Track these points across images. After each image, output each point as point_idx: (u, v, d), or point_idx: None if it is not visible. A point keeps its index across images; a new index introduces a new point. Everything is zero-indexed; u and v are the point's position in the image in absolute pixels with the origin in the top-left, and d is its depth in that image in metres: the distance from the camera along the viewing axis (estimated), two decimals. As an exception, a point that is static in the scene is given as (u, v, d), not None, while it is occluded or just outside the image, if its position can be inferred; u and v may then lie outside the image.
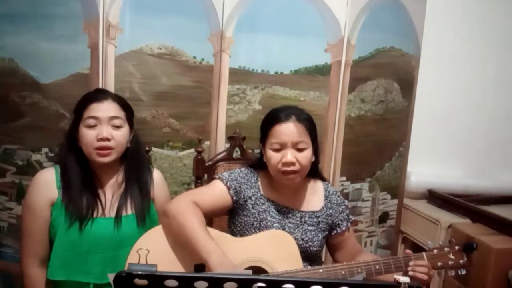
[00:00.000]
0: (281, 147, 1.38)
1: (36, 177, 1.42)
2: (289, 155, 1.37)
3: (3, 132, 1.81)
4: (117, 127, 1.40)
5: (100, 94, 1.43)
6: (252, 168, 1.52)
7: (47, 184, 1.40)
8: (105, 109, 1.39)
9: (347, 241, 1.54)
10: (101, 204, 1.42)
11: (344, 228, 1.52)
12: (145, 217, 1.45)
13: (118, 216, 1.42)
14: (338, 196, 1.55)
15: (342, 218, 1.52)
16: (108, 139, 1.37)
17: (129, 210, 1.44)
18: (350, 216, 1.56)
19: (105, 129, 1.37)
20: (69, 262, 1.37)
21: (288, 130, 1.38)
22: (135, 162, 1.48)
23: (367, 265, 1.34)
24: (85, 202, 1.39)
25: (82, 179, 1.41)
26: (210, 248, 1.23)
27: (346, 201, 1.58)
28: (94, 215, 1.40)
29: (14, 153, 1.82)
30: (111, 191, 1.45)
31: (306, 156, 1.39)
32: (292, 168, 1.37)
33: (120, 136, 1.40)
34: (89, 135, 1.36)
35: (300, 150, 1.38)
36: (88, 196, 1.40)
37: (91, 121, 1.37)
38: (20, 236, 1.44)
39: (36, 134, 1.80)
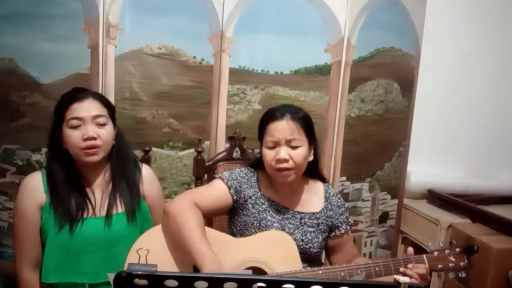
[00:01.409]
0: (275, 145, 1.39)
1: (23, 182, 1.41)
2: (282, 152, 1.37)
3: (3, 132, 1.81)
4: (102, 125, 1.38)
5: (80, 93, 1.40)
6: (252, 168, 1.52)
7: (34, 188, 1.39)
8: (87, 108, 1.36)
9: (345, 245, 1.53)
10: (91, 204, 1.41)
11: (343, 231, 1.52)
12: (135, 213, 1.44)
13: (108, 215, 1.40)
14: (339, 198, 1.55)
15: (341, 220, 1.52)
16: (94, 138, 1.35)
17: (119, 208, 1.43)
18: (350, 220, 1.56)
19: (90, 128, 1.35)
20: (62, 264, 1.36)
21: (282, 127, 1.38)
22: (120, 159, 1.46)
23: (366, 267, 1.34)
24: (74, 203, 1.38)
25: (68, 180, 1.39)
26: (204, 253, 1.22)
27: (346, 204, 1.58)
28: (84, 215, 1.39)
29: (14, 153, 1.82)
30: (100, 190, 1.44)
31: (300, 154, 1.39)
32: (285, 165, 1.38)
33: (105, 134, 1.38)
34: (74, 136, 1.35)
35: (294, 147, 1.38)
36: (77, 197, 1.39)
37: (75, 122, 1.35)
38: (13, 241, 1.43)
39: (36, 134, 1.79)
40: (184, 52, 1.87)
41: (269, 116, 1.42)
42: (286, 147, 1.38)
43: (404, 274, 1.30)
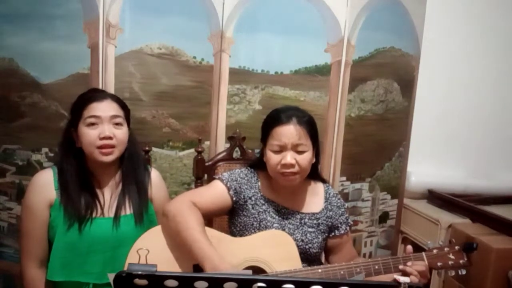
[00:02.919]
0: (281, 149, 1.38)
1: (34, 179, 1.42)
2: (289, 157, 1.36)
3: (3, 132, 1.81)
4: (118, 125, 1.40)
5: (99, 94, 1.43)
6: (252, 168, 1.51)
7: (45, 185, 1.39)
8: (106, 108, 1.38)
9: (344, 245, 1.53)
10: (100, 204, 1.42)
11: (342, 232, 1.52)
12: (143, 216, 1.45)
13: (117, 216, 1.42)
14: (339, 199, 1.55)
15: (341, 221, 1.52)
16: (110, 138, 1.36)
17: (127, 210, 1.44)
18: (350, 220, 1.56)
19: (107, 128, 1.36)
20: (68, 263, 1.37)
21: (289, 132, 1.37)
22: (132, 161, 1.47)
23: (366, 265, 1.34)
24: (84, 202, 1.39)
25: (79, 179, 1.40)
26: (206, 251, 1.22)
27: (346, 204, 1.58)
28: (93, 215, 1.40)
29: (14, 153, 1.82)
30: (109, 191, 1.45)
31: (305, 158, 1.38)
32: (291, 170, 1.37)
33: (121, 134, 1.40)
34: (90, 134, 1.36)
35: (300, 152, 1.38)
36: (87, 196, 1.40)
37: (92, 120, 1.36)
38: (19, 237, 1.43)
39: (36, 134, 1.80)
40: (184, 52, 1.87)
41: (275, 119, 1.40)
42: (292, 152, 1.37)
43: (404, 272, 1.30)
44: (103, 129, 1.36)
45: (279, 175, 1.40)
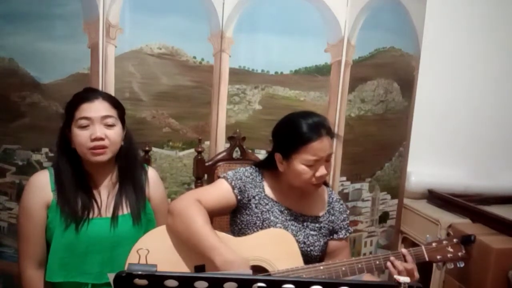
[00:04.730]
0: (316, 163, 1.37)
1: (30, 180, 1.41)
2: (324, 169, 1.38)
3: (3, 132, 1.81)
4: (110, 126, 1.38)
5: (90, 94, 1.40)
6: (258, 168, 1.51)
7: (41, 186, 1.39)
8: (97, 108, 1.37)
9: (342, 251, 1.53)
10: (97, 205, 1.41)
11: (341, 236, 1.52)
12: (141, 215, 1.44)
13: (114, 216, 1.41)
14: (341, 204, 1.56)
15: (342, 226, 1.53)
16: (102, 139, 1.35)
17: (125, 210, 1.43)
18: (350, 228, 1.56)
19: (98, 129, 1.35)
20: (67, 264, 1.36)
21: (325, 146, 1.37)
22: (128, 160, 1.46)
23: (367, 261, 1.35)
24: (81, 203, 1.38)
25: (76, 180, 1.39)
26: (215, 244, 1.23)
27: (348, 211, 1.59)
28: (90, 215, 1.39)
29: (14, 153, 1.82)
30: (106, 191, 1.44)
31: (330, 165, 1.43)
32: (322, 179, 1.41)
33: (113, 134, 1.38)
34: (82, 136, 1.35)
35: (328, 160, 1.40)
36: (83, 197, 1.39)
37: (83, 122, 1.35)
38: (17, 239, 1.43)
39: (36, 134, 1.80)
40: (184, 52, 1.87)
41: (307, 134, 1.36)
42: (325, 162, 1.39)
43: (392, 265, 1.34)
44: (94, 130, 1.35)
45: (311, 186, 1.41)
